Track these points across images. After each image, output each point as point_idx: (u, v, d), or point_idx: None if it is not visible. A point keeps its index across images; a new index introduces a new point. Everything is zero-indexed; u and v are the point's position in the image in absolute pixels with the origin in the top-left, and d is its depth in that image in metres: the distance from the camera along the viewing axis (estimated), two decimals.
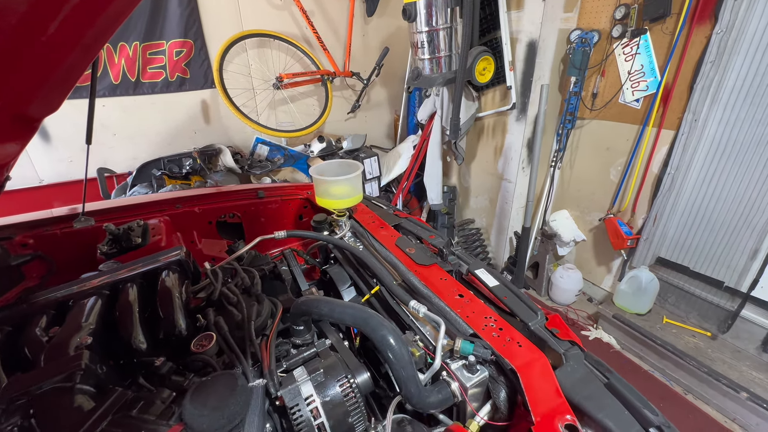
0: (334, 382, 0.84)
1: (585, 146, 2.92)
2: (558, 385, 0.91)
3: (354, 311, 0.99)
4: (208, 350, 0.93)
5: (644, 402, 0.95)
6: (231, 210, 1.85)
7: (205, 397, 0.71)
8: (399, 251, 1.47)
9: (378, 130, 4.28)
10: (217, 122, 3.31)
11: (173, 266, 1.13)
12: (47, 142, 2.80)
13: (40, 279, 1.50)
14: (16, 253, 1.47)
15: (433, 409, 0.95)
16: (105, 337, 0.93)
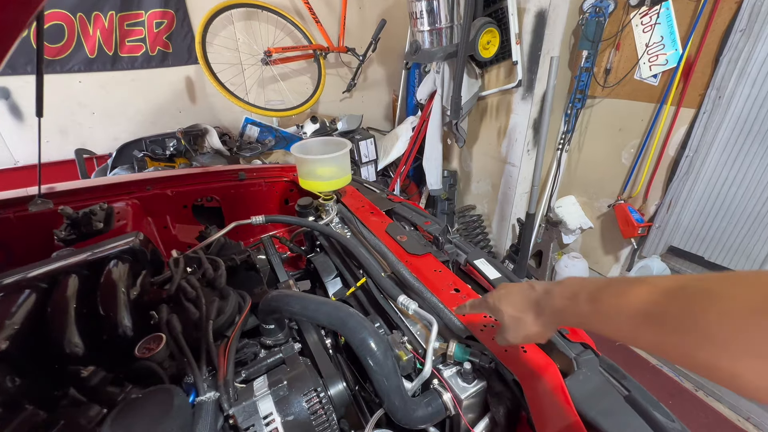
0: (300, 397, 0.70)
1: (595, 127, 2.73)
2: (570, 400, 0.76)
3: (330, 309, 0.84)
4: (155, 355, 0.79)
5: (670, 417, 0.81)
6: (208, 193, 1.69)
7: (130, 421, 0.56)
8: (389, 239, 1.31)
9: (375, 110, 4.07)
10: (204, 101, 3.11)
11: (124, 255, 0.98)
12: (20, 120, 2.63)
13: None
14: None
15: (422, 424, 0.81)
16: (33, 339, 0.79)
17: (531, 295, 0.62)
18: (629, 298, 0.42)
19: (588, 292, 0.49)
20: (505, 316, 0.66)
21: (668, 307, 0.37)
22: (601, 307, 0.46)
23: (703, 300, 0.34)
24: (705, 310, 0.33)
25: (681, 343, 0.35)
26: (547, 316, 0.59)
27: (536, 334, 0.63)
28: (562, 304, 0.54)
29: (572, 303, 0.52)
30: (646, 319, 0.39)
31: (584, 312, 0.49)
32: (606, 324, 0.46)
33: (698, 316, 0.34)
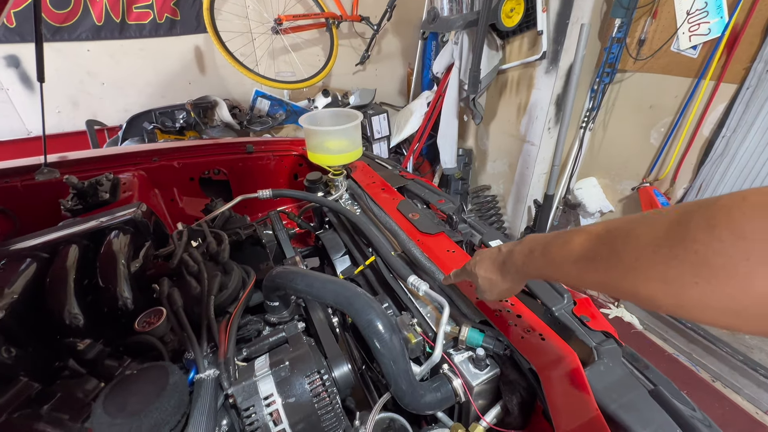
0: (302, 379, 0.66)
1: (623, 104, 2.55)
2: (590, 392, 0.71)
3: (336, 288, 0.80)
4: (155, 329, 0.76)
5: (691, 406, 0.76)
6: (215, 165, 1.65)
7: (124, 398, 0.54)
8: (400, 217, 1.25)
9: (389, 85, 3.92)
10: (213, 72, 3.04)
11: (125, 226, 0.95)
12: (31, 90, 2.61)
13: (3, 237, 1.36)
14: None
15: (430, 410, 0.77)
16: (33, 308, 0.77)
17: (498, 257, 0.69)
18: (572, 246, 0.48)
19: (541, 246, 0.56)
20: (479, 279, 0.73)
21: (599, 249, 0.43)
22: (551, 257, 0.52)
23: (622, 239, 0.40)
24: (624, 247, 0.40)
25: (611, 277, 0.41)
26: (512, 273, 0.65)
27: (507, 290, 0.71)
28: (522, 260, 0.61)
29: (530, 258, 0.58)
30: (585, 261, 0.45)
31: (540, 264, 0.56)
32: (557, 271, 0.52)
33: (620, 253, 0.40)
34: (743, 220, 0.30)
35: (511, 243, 0.67)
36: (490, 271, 0.70)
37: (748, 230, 0.29)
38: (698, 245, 0.32)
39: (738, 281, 0.30)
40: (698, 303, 0.33)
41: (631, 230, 0.40)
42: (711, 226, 0.31)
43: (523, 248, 0.61)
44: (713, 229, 0.31)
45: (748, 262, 0.29)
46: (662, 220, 0.37)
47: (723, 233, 0.30)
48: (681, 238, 0.33)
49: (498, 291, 0.71)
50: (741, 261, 0.29)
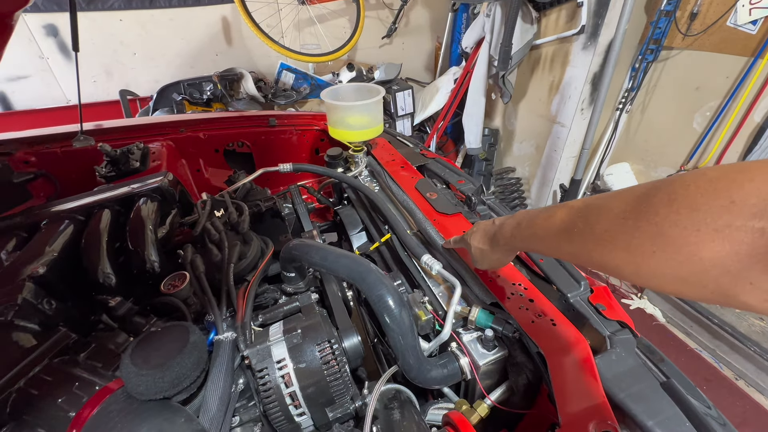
0: (313, 346, 0.69)
1: (666, 85, 2.38)
2: (599, 378, 0.71)
3: (349, 262, 0.82)
4: (179, 292, 0.81)
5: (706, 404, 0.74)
6: (239, 138, 1.68)
7: (148, 352, 0.58)
8: (418, 195, 1.24)
9: (416, 59, 3.80)
10: (240, 44, 3.04)
11: (153, 194, 0.99)
12: (69, 59, 2.71)
13: (46, 199, 1.45)
14: (19, 170, 1.41)
15: (436, 385, 0.79)
16: (72, 268, 0.83)
17: (490, 229, 0.72)
18: (554, 219, 0.51)
19: (527, 220, 0.59)
20: (472, 249, 0.78)
21: (576, 221, 0.46)
22: (535, 230, 0.56)
23: (596, 212, 0.43)
24: (597, 219, 0.42)
25: (584, 249, 0.44)
26: (501, 245, 0.69)
27: (496, 260, 0.75)
28: (510, 233, 0.64)
29: (517, 230, 0.62)
30: (563, 233, 0.48)
31: (525, 236, 0.59)
32: (540, 243, 0.56)
33: (593, 225, 0.42)
34: (697, 193, 0.32)
35: (505, 216, 0.71)
36: (482, 242, 0.74)
37: (701, 203, 0.31)
38: (659, 218, 0.34)
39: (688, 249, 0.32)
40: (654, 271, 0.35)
41: (604, 204, 0.42)
42: (671, 200, 0.34)
43: (512, 221, 0.64)
44: (672, 203, 0.33)
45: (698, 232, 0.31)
46: (632, 194, 0.39)
47: (680, 207, 0.33)
48: (645, 211, 0.36)
49: (488, 261, 0.76)
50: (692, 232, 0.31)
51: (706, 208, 0.31)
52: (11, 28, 1.10)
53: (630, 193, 0.39)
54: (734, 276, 0.30)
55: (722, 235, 0.30)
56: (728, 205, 0.30)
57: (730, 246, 0.30)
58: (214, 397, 0.65)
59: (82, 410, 0.54)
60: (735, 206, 0.29)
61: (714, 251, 0.30)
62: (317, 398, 0.68)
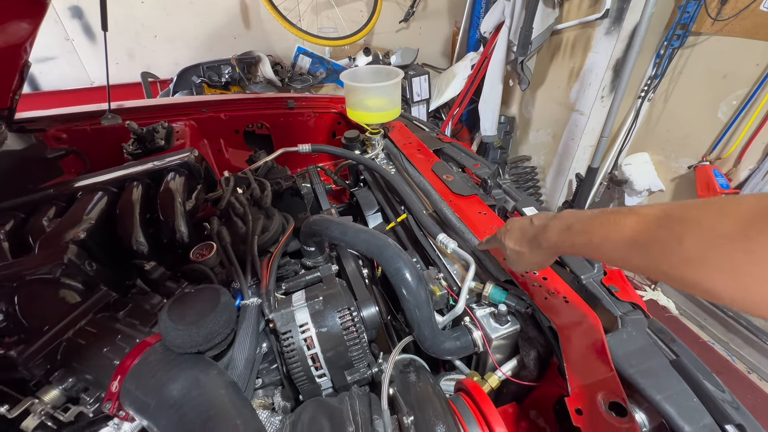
0: (334, 313, 0.73)
1: (692, 72, 2.31)
2: (609, 354, 0.73)
3: (368, 237, 0.85)
4: (207, 260, 0.85)
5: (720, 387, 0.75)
6: (259, 119, 1.71)
7: (183, 310, 0.62)
8: (435, 177, 1.26)
9: (433, 45, 3.75)
10: (258, 27, 3.05)
11: (180, 168, 1.04)
12: (93, 41, 2.77)
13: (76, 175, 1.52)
14: (52, 147, 1.48)
15: (449, 356, 0.83)
16: (107, 236, 0.88)
17: (529, 230, 0.66)
18: (621, 227, 0.46)
19: (582, 224, 0.53)
20: (507, 250, 0.72)
21: (657, 233, 0.41)
22: (593, 236, 0.51)
23: (688, 227, 0.38)
24: (687, 236, 0.37)
25: (665, 264, 0.40)
26: (543, 248, 0.63)
27: (536, 263, 0.69)
28: (557, 236, 0.58)
29: (566, 235, 0.56)
30: (635, 245, 0.44)
31: (578, 242, 0.54)
32: (597, 251, 0.51)
33: (681, 241, 0.38)
34: None
35: (544, 215, 0.65)
36: (520, 243, 0.69)
37: None
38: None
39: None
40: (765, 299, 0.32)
41: (699, 218, 0.37)
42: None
43: (559, 223, 0.58)
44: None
45: None
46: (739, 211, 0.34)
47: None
48: (761, 233, 0.31)
49: (526, 263, 0.70)
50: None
51: None
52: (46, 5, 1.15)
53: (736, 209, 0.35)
54: None
55: None
56: None
57: None
58: (241, 356, 0.70)
59: (125, 360, 0.59)
60: None
61: None
62: (337, 361, 0.72)
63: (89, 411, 0.60)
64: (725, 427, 0.64)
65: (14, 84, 1.25)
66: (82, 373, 0.61)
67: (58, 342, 0.61)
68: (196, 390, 0.55)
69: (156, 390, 0.55)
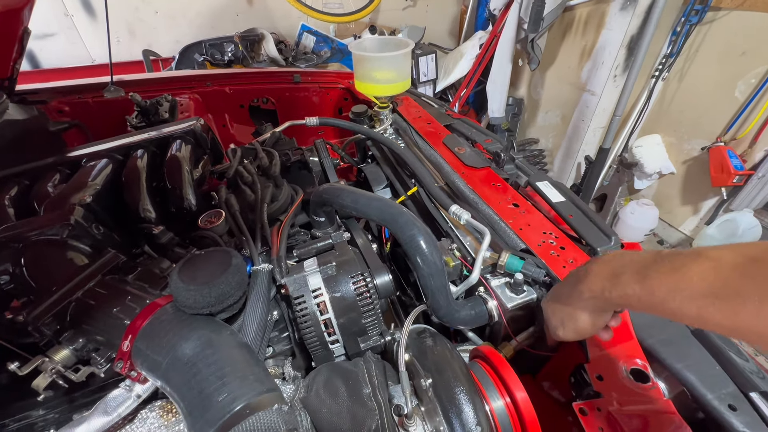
0: (348, 278, 0.71)
1: (708, 50, 2.23)
2: (630, 323, 0.71)
3: (381, 205, 0.82)
4: (215, 227, 0.84)
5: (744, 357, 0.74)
6: (264, 94, 1.67)
7: (194, 271, 0.61)
8: (446, 150, 1.23)
9: (440, 24, 3.66)
10: (260, 3, 2.97)
11: (186, 137, 1.01)
12: (93, 18, 2.70)
13: None
14: (54, 119, 1.45)
15: (462, 325, 0.81)
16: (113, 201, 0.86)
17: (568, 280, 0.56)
18: (689, 275, 0.38)
19: (634, 271, 0.44)
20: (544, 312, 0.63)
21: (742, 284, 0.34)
22: (653, 288, 0.41)
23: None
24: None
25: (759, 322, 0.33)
26: (587, 301, 0.51)
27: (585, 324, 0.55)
28: (601, 286, 0.48)
29: (615, 284, 0.46)
30: (714, 299, 0.36)
31: (634, 293, 0.44)
32: (662, 306, 0.41)
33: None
34: None
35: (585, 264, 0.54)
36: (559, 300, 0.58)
37: None
38: None
39: None
40: None
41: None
42: None
43: (601, 269, 0.49)
44: None
45: None
46: None
47: None
48: None
49: (573, 327, 0.56)
50: None
51: None
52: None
53: None
54: None
55: None
56: None
57: None
58: (253, 322, 0.68)
59: (136, 319, 0.58)
60: None
61: None
62: (350, 327, 0.70)
63: (100, 371, 0.59)
64: (750, 394, 0.63)
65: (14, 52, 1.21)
66: (92, 333, 0.60)
67: (66, 302, 0.60)
68: (210, 349, 0.53)
69: (168, 349, 0.54)
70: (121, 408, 0.58)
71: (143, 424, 0.62)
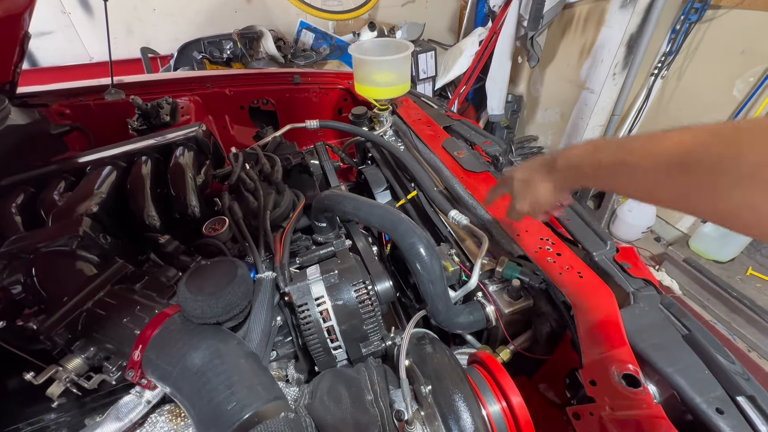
0: (349, 286, 0.73)
1: (708, 48, 2.23)
2: (623, 328, 0.73)
3: (382, 212, 0.84)
4: (219, 235, 0.85)
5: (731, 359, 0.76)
6: (264, 95, 1.68)
7: (201, 281, 0.63)
8: (445, 154, 1.24)
9: (439, 20, 3.64)
10: (259, 0, 2.95)
11: (189, 143, 1.02)
12: (91, 15, 2.69)
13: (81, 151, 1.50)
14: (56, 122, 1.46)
15: (461, 330, 0.84)
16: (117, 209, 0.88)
17: (546, 157, 0.59)
18: (665, 144, 0.38)
19: (615, 141, 0.46)
20: (515, 182, 0.64)
21: (713, 148, 0.34)
22: (626, 156, 0.42)
23: (757, 139, 0.31)
24: (754, 149, 0.31)
25: (711, 185, 0.34)
26: (559, 170, 0.55)
27: (544, 193, 0.59)
28: (580, 155, 0.50)
29: (592, 152, 0.48)
30: (680, 165, 0.37)
31: (605, 161, 0.45)
32: (627, 175, 0.43)
33: (745, 155, 0.31)
34: None
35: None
36: (531, 170, 0.61)
37: None
38: None
39: None
40: None
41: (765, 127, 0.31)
42: None
43: (585, 145, 0.51)
44: None
45: None
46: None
47: None
48: None
49: (533, 194, 0.61)
50: None
51: None
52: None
53: None
54: None
55: None
56: None
57: None
58: (257, 328, 0.70)
59: (146, 329, 0.60)
60: None
61: None
62: (352, 334, 0.73)
63: (112, 379, 0.62)
64: (736, 398, 0.65)
65: (15, 57, 1.22)
66: (103, 342, 0.62)
67: (78, 312, 0.62)
68: (218, 359, 0.55)
69: (178, 359, 0.56)
70: (133, 414, 0.60)
71: (153, 427, 0.64)
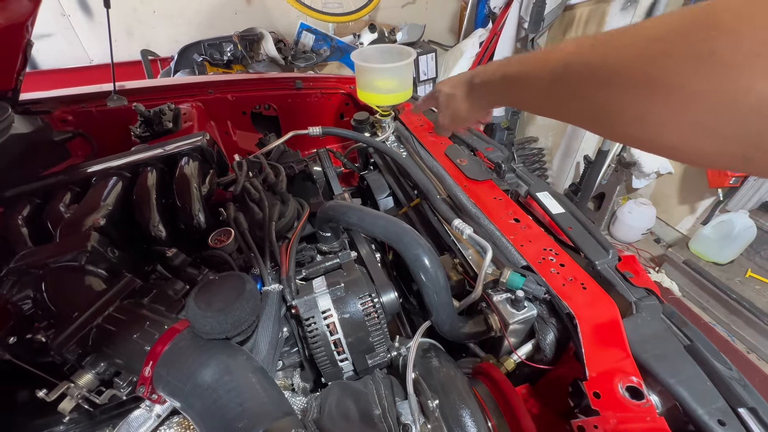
0: (356, 299, 0.74)
1: None
2: (626, 339, 0.74)
3: (386, 223, 0.85)
4: (225, 246, 0.86)
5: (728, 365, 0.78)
6: (266, 100, 1.68)
7: (209, 297, 0.63)
8: (448, 161, 1.25)
9: (440, 21, 3.63)
10: (259, 2, 2.95)
11: (193, 153, 1.02)
12: (91, 18, 2.68)
13: (84, 158, 1.50)
14: (58, 129, 1.46)
15: (466, 340, 0.85)
16: (124, 221, 0.88)
17: (468, 73, 0.62)
18: (553, 56, 0.39)
19: (521, 56, 0.47)
20: (440, 95, 0.68)
21: (583, 55, 0.35)
22: (526, 66, 0.44)
23: (615, 40, 0.32)
24: (611, 50, 0.32)
25: (580, 90, 0.35)
26: (477, 87, 0.58)
27: (464, 107, 0.63)
28: (494, 68, 0.53)
29: (503, 67, 0.50)
30: (559, 77, 0.38)
31: (509, 74, 0.48)
32: (523, 88, 0.45)
33: (605, 58, 0.32)
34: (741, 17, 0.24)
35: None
36: (455, 86, 0.64)
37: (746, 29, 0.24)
38: (702, 35, 0.26)
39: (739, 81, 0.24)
40: (671, 115, 0.28)
41: (629, 30, 0.32)
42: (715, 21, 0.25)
43: (500, 60, 0.53)
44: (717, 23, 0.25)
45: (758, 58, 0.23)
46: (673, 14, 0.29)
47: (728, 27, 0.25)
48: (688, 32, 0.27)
49: (453, 109, 0.65)
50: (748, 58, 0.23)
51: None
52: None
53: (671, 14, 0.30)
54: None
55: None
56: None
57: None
58: (265, 341, 0.71)
59: (156, 345, 0.60)
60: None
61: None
62: (359, 346, 0.73)
63: (122, 394, 0.62)
64: (738, 410, 0.66)
65: (18, 64, 1.22)
66: (113, 358, 0.63)
67: (88, 328, 0.62)
68: (228, 375, 0.56)
69: (189, 375, 0.56)
70: (143, 428, 0.61)
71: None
